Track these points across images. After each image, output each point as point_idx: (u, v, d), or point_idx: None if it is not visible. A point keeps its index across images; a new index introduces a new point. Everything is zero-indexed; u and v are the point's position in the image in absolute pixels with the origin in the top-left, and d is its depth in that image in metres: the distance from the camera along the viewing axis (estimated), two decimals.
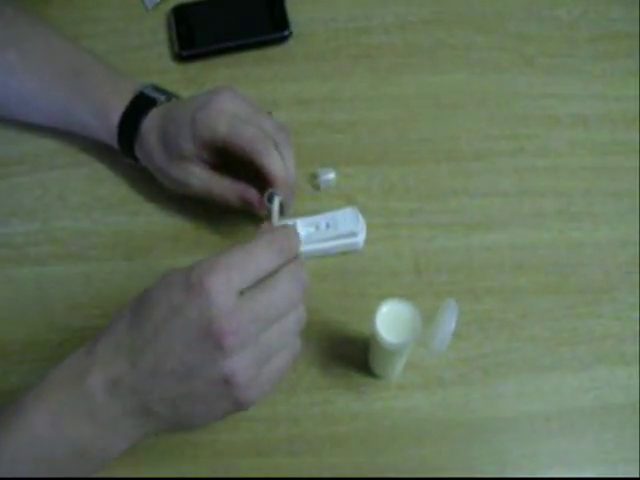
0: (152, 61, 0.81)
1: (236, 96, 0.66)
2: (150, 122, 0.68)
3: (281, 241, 0.52)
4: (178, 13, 0.83)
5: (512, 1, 0.85)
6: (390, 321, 0.56)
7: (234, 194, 0.68)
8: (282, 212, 0.64)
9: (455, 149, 0.77)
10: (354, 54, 0.82)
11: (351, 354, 0.67)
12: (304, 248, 0.69)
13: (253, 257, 0.49)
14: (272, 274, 0.50)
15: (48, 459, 0.50)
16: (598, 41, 0.83)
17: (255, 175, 0.65)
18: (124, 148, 0.71)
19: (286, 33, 0.82)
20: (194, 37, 0.81)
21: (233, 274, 0.48)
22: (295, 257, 0.53)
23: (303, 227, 0.70)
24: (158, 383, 0.49)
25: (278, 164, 0.63)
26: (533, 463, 0.64)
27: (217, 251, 0.71)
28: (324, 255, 0.71)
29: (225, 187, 0.68)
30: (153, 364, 0.48)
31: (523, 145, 0.77)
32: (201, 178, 0.67)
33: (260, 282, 0.50)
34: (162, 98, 0.70)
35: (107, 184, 0.75)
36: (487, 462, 0.64)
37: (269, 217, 0.62)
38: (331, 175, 0.73)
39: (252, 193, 0.67)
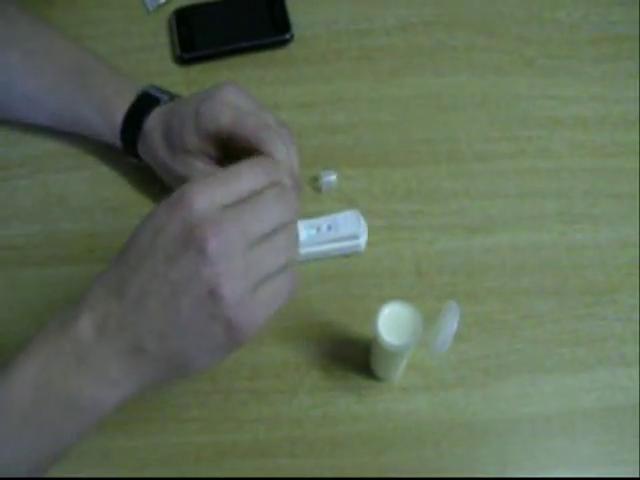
0: (153, 63, 0.81)
1: (240, 90, 0.65)
2: (153, 120, 0.68)
3: (266, 165, 0.51)
4: (179, 15, 0.83)
5: (513, 3, 0.85)
6: (392, 323, 0.56)
7: None
8: None
9: (456, 151, 0.77)
10: (355, 56, 0.82)
11: (353, 356, 0.67)
12: (306, 250, 0.69)
13: (235, 175, 0.48)
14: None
15: (38, 413, 0.48)
16: (599, 43, 0.83)
17: None
18: (127, 146, 0.71)
19: (287, 36, 0.82)
20: (195, 39, 0.82)
21: (215, 189, 0.47)
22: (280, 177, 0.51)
23: (304, 229, 0.70)
24: (145, 311, 0.47)
25: (282, 152, 0.61)
26: (534, 464, 0.65)
27: None
28: (325, 257, 0.71)
29: None
30: (139, 291, 0.47)
31: (524, 147, 0.77)
32: (205, 173, 0.66)
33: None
34: (165, 97, 0.70)
35: (108, 186, 0.75)
36: (488, 463, 0.65)
37: None
38: (333, 177, 0.74)
39: None
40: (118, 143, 0.71)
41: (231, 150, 0.65)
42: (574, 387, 0.67)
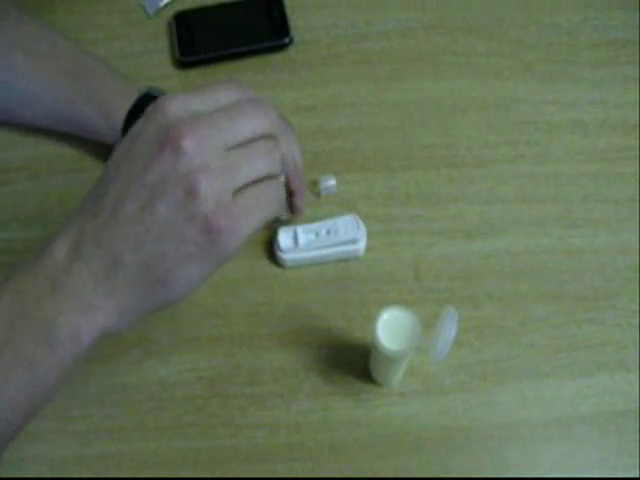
0: (153, 67, 0.81)
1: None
2: None
3: (244, 85, 0.50)
4: (179, 19, 0.83)
5: (512, 8, 0.86)
6: (391, 328, 0.56)
7: None
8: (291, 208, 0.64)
9: (455, 155, 0.77)
10: (355, 60, 0.82)
11: (351, 361, 0.67)
12: (305, 255, 0.69)
13: (210, 88, 0.48)
14: None
15: (12, 345, 0.46)
16: (598, 48, 0.83)
17: None
18: None
19: (287, 40, 0.82)
20: (195, 43, 0.82)
21: (190, 97, 0.47)
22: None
23: (303, 234, 0.70)
24: (120, 221, 0.45)
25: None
26: (532, 470, 0.64)
27: None
28: (324, 262, 0.71)
29: None
30: (114, 201, 0.46)
31: (523, 152, 0.77)
32: None
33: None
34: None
35: None
36: (487, 468, 0.64)
37: None
38: (332, 182, 0.74)
39: None
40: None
41: None
42: (573, 392, 0.67)
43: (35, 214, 0.74)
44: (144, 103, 0.70)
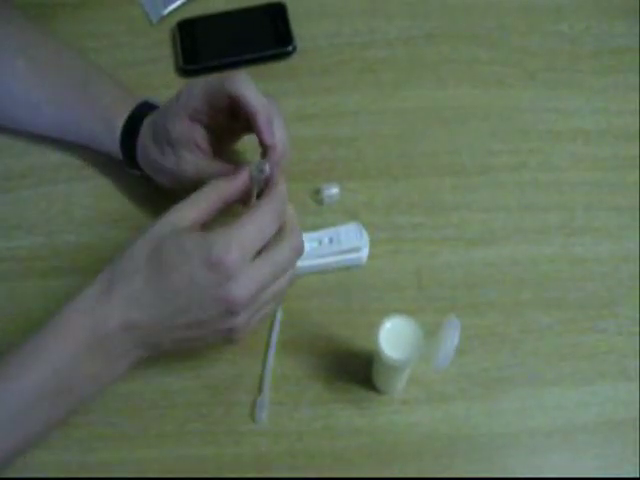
0: (156, 75, 0.82)
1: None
2: (145, 126, 0.69)
3: (279, 207, 0.57)
4: (183, 28, 0.84)
5: (515, 16, 0.86)
6: (393, 337, 0.56)
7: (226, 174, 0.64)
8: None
9: (458, 164, 0.77)
10: (358, 69, 0.83)
11: (354, 369, 0.67)
12: (307, 263, 0.70)
13: (261, 230, 0.55)
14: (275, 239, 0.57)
15: (65, 389, 0.56)
16: (600, 56, 0.84)
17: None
18: (127, 157, 0.71)
19: (290, 48, 0.82)
20: (198, 51, 0.82)
21: (247, 250, 0.54)
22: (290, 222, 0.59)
23: (306, 242, 0.70)
24: (172, 332, 0.56)
25: (260, 103, 0.61)
26: (534, 478, 0.65)
27: None
28: (327, 270, 0.71)
29: (218, 169, 0.64)
30: (169, 320, 0.55)
31: (525, 160, 0.78)
32: (193, 163, 0.65)
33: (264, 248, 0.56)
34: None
35: (111, 199, 0.76)
36: (488, 477, 0.64)
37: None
38: (334, 190, 0.74)
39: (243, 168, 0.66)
40: (118, 153, 0.72)
41: (217, 133, 0.66)
42: (575, 401, 0.67)
43: (39, 222, 0.74)
44: (141, 110, 0.70)
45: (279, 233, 0.57)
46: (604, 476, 0.65)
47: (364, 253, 0.71)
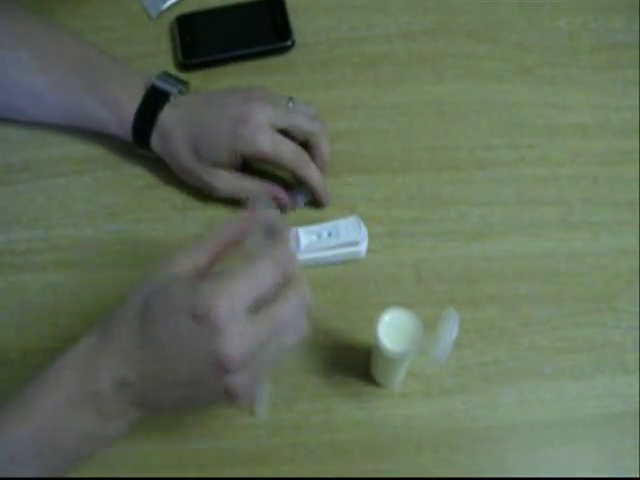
0: (155, 69, 0.80)
1: (266, 102, 0.70)
2: (171, 121, 0.70)
3: (281, 259, 0.52)
4: (182, 22, 0.84)
5: (513, 11, 0.86)
6: (392, 330, 0.57)
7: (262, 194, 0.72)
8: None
9: (456, 158, 0.77)
10: (356, 63, 0.83)
11: (353, 362, 0.68)
12: (306, 257, 0.70)
13: (256, 282, 0.51)
14: (276, 293, 0.52)
15: (53, 446, 0.52)
16: (598, 51, 0.84)
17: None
18: (139, 142, 0.72)
19: (289, 42, 0.82)
20: (197, 46, 0.82)
21: (237, 302, 0.49)
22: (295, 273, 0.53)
23: (305, 236, 0.70)
24: (166, 391, 0.52)
25: (315, 175, 0.71)
26: (532, 471, 0.65)
27: (219, 259, 0.72)
28: (326, 264, 0.71)
29: (254, 190, 0.72)
30: (160, 378, 0.51)
31: (524, 154, 0.78)
32: (230, 182, 0.71)
33: (264, 303, 0.51)
34: (175, 91, 0.72)
35: (110, 192, 0.75)
36: (487, 470, 0.64)
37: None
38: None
39: (281, 194, 0.73)
40: (128, 137, 0.73)
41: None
42: (573, 394, 0.67)
43: (37, 215, 0.74)
44: (153, 98, 0.71)
45: (282, 285, 0.52)
46: (603, 475, 0.65)
47: (363, 247, 0.71)
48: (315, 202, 0.74)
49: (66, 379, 0.51)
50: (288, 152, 0.69)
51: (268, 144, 0.68)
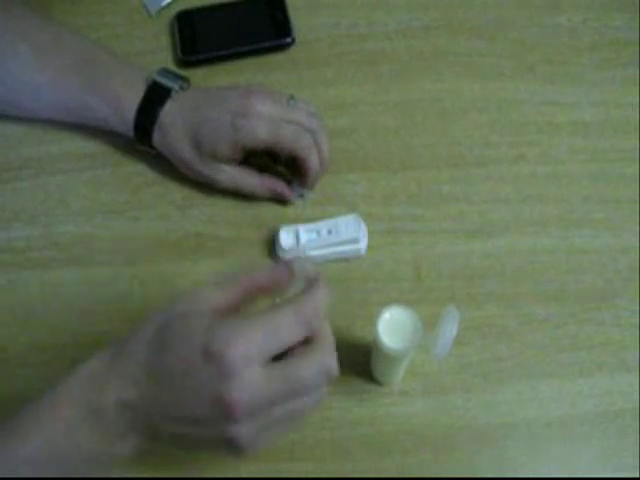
0: (155, 66, 0.80)
1: (266, 96, 0.70)
2: (171, 116, 0.70)
3: (307, 312, 0.50)
4: (181, 19, 0.84)
5: (514, 8, 0.86)
6: (392, 328, 0.56)
7: (264, 189, 0.73)
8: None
9: (456, 156, 0.77)
10: (356, 60, 0.82)
11: (353, 360, 0.67)
12: (306, 254, 0.69)
13: (278, 331, 0.48)
14: (298, 349, 0.50)
15: (60, 462, 0.51)
16: (599, 49, 0.84)
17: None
18: (140, 138, 0.72)
19: (289, 40, 0.82)
20: (197, 43, 0.82)
21: (253, 349, 0.47)
22: (321, 328, 0.52)
23: (305, 233, 0.70)
24: (167, 423, 0.50)
25: (315, 159, 0.70)
26: (532, 469, 0.65)
27: (218, 256, 0.72)
28: (326, 261, 0.71)
29: (255, 184, 0.73)
30: (163, 407, 0.49)
31: (524, 152, 0.78)
32: (231, 175, 0.72)
33: (284, 358, 0.49)
34: (176, 87, 0.72)
35: (109, 189, 0.75)
36: (487, 468, 0.64)
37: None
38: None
39: (282, 186, 0.73)
40: (129, 133, 0.73)
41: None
42: (573, 392, 0.67)
43: (37, 212, 0.74)
44: (154, 94, 0.71)
45: (308, 346, 0.50)
46: (603, 473, 0.64)
47: (363, 244, 0.71)
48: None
49: (74, 395, 0.51)
50: (288, 133, 0.68)
51: (265, 131, 0.68)
